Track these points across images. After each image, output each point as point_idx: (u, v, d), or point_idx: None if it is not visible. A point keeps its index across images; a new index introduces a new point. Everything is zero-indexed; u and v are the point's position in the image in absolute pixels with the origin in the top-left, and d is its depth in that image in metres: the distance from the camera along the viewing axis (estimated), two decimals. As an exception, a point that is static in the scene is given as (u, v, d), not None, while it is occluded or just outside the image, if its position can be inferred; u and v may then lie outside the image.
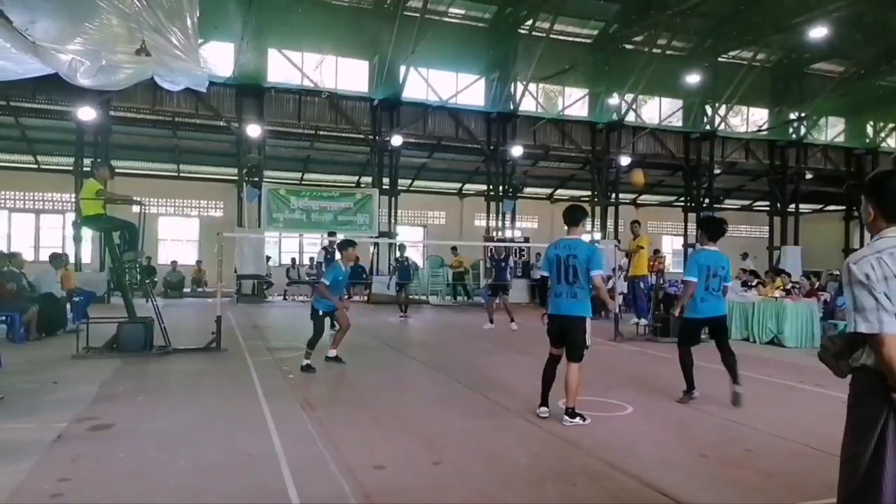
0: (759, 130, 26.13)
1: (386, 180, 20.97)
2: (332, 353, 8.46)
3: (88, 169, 16.79)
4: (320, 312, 8.30)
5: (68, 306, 11.27)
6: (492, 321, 13.11)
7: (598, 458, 4.63)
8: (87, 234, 17.32)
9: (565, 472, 4.35)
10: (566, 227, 5.79)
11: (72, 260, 16.19)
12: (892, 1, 19.58)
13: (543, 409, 5.71)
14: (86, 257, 18.92)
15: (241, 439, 4.96)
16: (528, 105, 22.65)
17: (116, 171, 13.19)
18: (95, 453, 4.55)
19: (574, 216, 5.78)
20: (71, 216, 19.31)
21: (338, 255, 9.03)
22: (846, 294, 2.35)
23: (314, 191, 20.87)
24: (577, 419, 5.46)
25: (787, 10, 19.42)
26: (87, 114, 16.78)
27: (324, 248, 14.15)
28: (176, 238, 23.35)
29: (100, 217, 8.89)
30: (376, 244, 19.60)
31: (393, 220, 21.05)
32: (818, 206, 29.27)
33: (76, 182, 17.34)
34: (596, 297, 5.84)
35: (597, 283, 5.66)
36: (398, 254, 15.66)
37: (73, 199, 17.75)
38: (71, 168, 18.49)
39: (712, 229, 6.53)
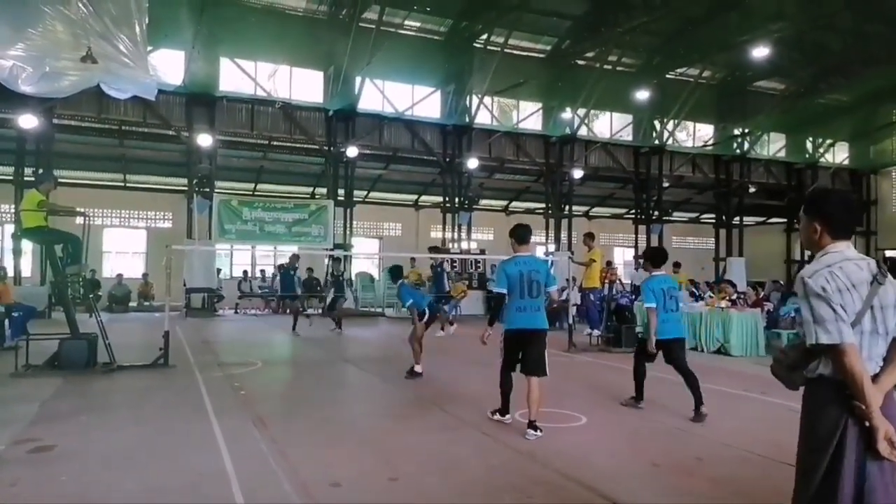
0: (705, 145, 27.00)
1: (341, 191, 20.85)
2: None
3: (30, 179, 16.21)
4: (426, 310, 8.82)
5: (6, 322, 10.80)
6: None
7: (554, 470, 4.67)
8: (28, 246, 16.68)
9: (522, 484, 4.37)
10: (516, 245, 5.96)
11: (11, 273, 15.52)
12: (829, 23, 20.57)
13: (508, 416, 5.93)
14: (26, 271, 18.19)
15: (190, 459, 4.82)
16: (483, 118, 22.88)
17: (60, 180, 12.73)
18: (36, 477, 4.36)
19: (525, 234, 6.03)
20: (10, 228, 18.55)
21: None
22: (802, 307, 2.39)
23: (267, 202, 20.57)
24: (539, 432, 5.51)
25: (732, 30, 20.20)
26: (28, 121, 16.19)
27: (281, 265, 14.08)
28: (122, 250, 22.65)
29: (41, 229, 8.57)
30: (331, 256, 19.39)
31: (348, 232, 20.91)
32: (761, 219, 30.37)
33: (16, 192, 16.71)
34: (551, 309, 6.18)
35: (554, 296, 6.29)
36: (330, 267, 15.45)
37: (13, 210, 17.07)
38: (11, 178, 17.77)
39: (656, 258, 7.10)
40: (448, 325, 12.84)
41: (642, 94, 22.08)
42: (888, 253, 28.45)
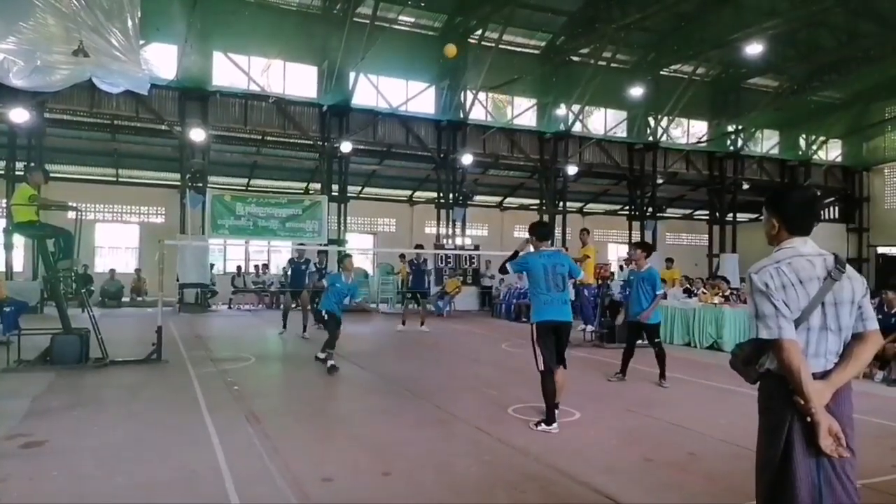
0: (699, 142, 27.04)
1: (335, 187, 20.77)
2: (322, 354, 8.70)
3: (21, 173, 16.10)
4: (324, 314, 8.69)
5: (-2, 317, 10.72)
6: (404, 323, 14.42)
7: (547, 465, 4.68)
8: (20, 241, 16.56)
9: (515, 479, 4.38)
10: (536, 242, 6.09)
11: (2, 268, 15.45)
12: (822, 20, 20.61)
13: (555, 425, 5.64)
14: (17, 265, 18.06)
15: (183, 454, 4.81)
16: (477, 114, 22.83)
17: (51, 175, 12.63)
18: (27, 472, 4.34)
19: (546, 231, 6.39)
20: (1, 222, 18.43)
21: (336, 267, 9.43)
22: (748, 302, 2.46)
23: (261, 197, 20.47)
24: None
25: (725, 26, 20.19)
26: (20, 115, 16.05)
27: (290, 260, 14.04)
28: (114, 245, 22.51)
29: (33, 224, 8.52)
30: (325, 252, 19.35)
31: (342, 228, 20.84)
32: (754, 216, 30.43)
33: (8, 187, 16.57)
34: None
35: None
36: (316, 259, 15.39)
37: (5, 205, 16.95)
38: (2, 172, 17.65)
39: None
40: (420, 323, 13.83)
41: (636, 91, 22.10)
42: (880, 249, 28.63)
